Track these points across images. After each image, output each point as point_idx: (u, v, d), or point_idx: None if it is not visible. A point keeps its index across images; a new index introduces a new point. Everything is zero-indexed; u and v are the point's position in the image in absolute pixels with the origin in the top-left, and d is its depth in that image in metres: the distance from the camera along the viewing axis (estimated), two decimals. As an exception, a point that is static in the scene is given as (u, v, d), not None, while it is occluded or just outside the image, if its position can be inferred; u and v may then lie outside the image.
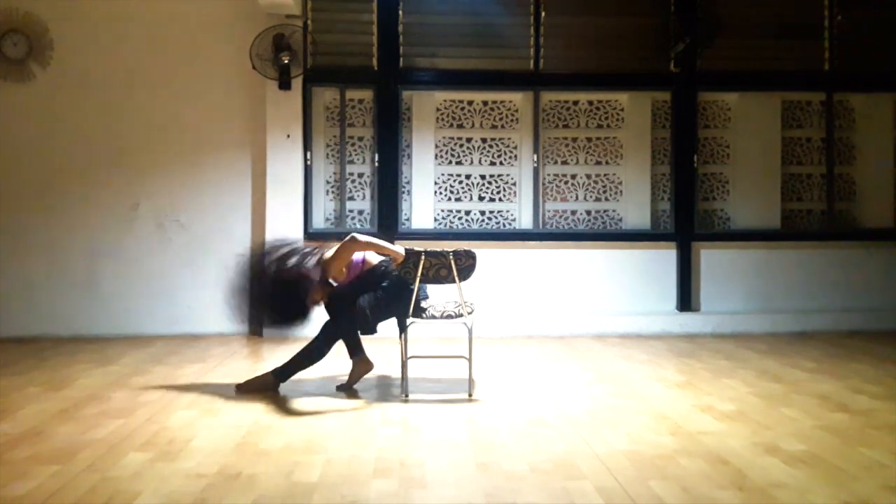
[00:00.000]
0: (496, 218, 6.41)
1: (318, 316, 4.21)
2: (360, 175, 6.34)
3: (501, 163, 6.42)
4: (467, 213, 6.38)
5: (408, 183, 6.36)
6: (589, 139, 6.46)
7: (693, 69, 6.34)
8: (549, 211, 6.43)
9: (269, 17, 5.97)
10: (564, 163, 6.44)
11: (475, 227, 6.35)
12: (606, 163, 6.46)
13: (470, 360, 4.07)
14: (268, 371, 4.18)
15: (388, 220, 6.20)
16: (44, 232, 6.06)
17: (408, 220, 6.33)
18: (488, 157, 6.41)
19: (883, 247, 6.47)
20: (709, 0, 6.35)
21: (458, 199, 6.40)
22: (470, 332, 4.03)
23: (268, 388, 4.12)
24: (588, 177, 6.46)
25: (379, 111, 6.25)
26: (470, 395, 4.02)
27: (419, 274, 3.95)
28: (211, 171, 6.19)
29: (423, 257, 3.94)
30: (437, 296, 4.45)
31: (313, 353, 4.12)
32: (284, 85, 5.99)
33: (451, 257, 3.97)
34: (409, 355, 4.06)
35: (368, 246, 4.05)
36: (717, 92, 6.49)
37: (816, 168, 6.58)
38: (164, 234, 6.15)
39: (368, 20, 6.24)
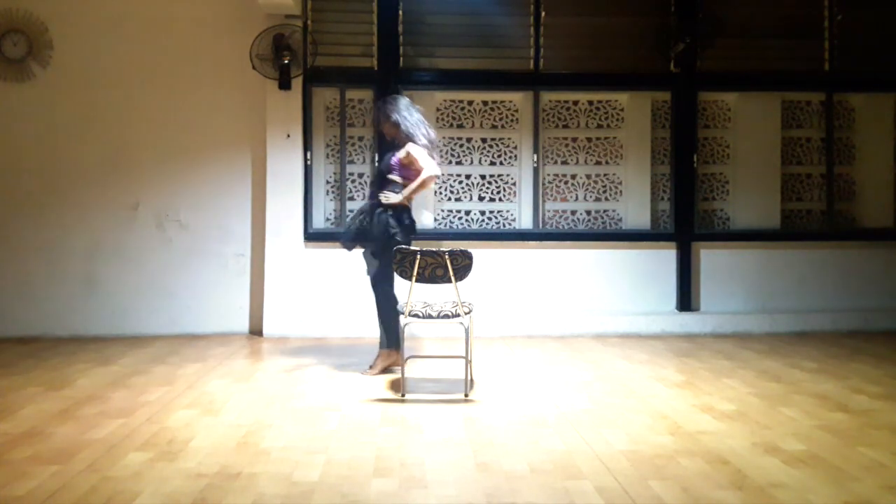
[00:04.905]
0: (496, 218, 6.40)
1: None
2: (360, 175, 6.33)
3: (501, 163, 6.41)
4: (467, 212, 6.38)
5: (408, 183, 6.34)
6: (589, 139, 6.45)
7: (693, 69, 6.34)
8: (548, 211, 6.43)
9: (269, 17, 5.97)
10: (564, 163, 6.44)
11: (475, 227, 6.34)
12: (606, 163, 6.45)
13: (468, 359, 4.08)
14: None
15: (388, 220, 6.18)
16: (44, 232, 6.06)
17: (408, 220, 6.32)
18: (488, 157, 6.41)
19: (883, 247, 6.46)
20: (709, 0, 6.36)
21: (458, 199, 6.40)
22: (467, 331, 4.02)
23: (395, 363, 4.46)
24: (588, 177, 6.46)
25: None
26: (466, 396, 4.02)
27: (415, 273, 3.95)
28: (211, 170, 6.19)
29: (418, 256, 3.94)
30: (436, 296, 4.46)
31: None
32: (284, 85, 5.99)
33: (447, 257, 3.96)
34: (408, 355, 4.06)
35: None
36: (717, 92, 6.48)
37: (816, 168, 6.58)
38: (164, 234, 6.15)
39: (368, 20, 6.23)
